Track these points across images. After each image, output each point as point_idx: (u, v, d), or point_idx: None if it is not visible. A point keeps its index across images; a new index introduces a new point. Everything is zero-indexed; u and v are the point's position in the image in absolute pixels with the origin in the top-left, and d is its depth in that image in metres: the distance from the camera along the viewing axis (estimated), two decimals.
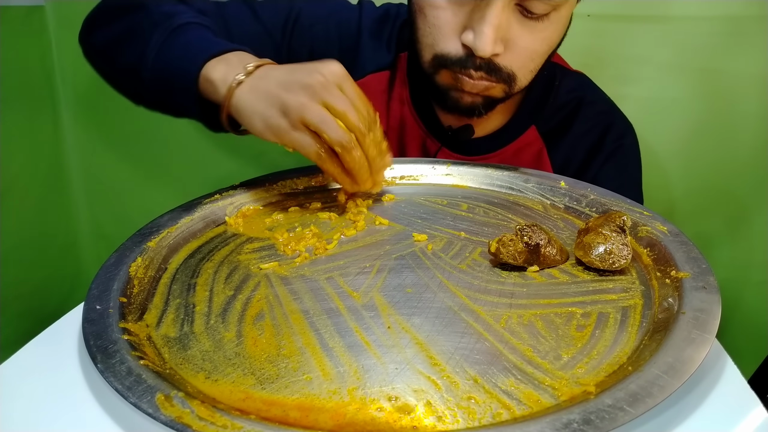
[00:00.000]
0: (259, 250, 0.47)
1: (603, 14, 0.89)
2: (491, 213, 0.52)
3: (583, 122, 0.68)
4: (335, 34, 0.68)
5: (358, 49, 0.68)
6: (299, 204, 0.55)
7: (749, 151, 0.92)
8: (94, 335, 0.34)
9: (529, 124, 0.68)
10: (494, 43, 0.53)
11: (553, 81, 0.68)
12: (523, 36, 0.55)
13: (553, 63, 0.69)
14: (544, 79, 0.68)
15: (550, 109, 0.68)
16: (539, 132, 0.68)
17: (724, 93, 0.90)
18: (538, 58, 0.58)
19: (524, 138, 0.68)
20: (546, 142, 0.68)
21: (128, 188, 1.15)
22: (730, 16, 0.85)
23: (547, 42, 0.57)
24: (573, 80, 0.70)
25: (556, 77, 0.69)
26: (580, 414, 0.27)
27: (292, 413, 0.30)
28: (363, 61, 0.68)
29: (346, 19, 0.69)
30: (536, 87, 0.67)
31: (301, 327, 0.37)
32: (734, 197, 0.96)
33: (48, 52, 1.05)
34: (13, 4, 0.96)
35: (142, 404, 0.29)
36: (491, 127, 0.69)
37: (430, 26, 0.57)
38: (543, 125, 0.68)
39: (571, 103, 0.69)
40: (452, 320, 0.37)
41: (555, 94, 0.68)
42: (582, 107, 0.68)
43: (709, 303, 0.35)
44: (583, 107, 0.68)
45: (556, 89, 0.68)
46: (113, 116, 1.08)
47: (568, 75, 0.70)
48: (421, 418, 0.30)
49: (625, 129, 0.69)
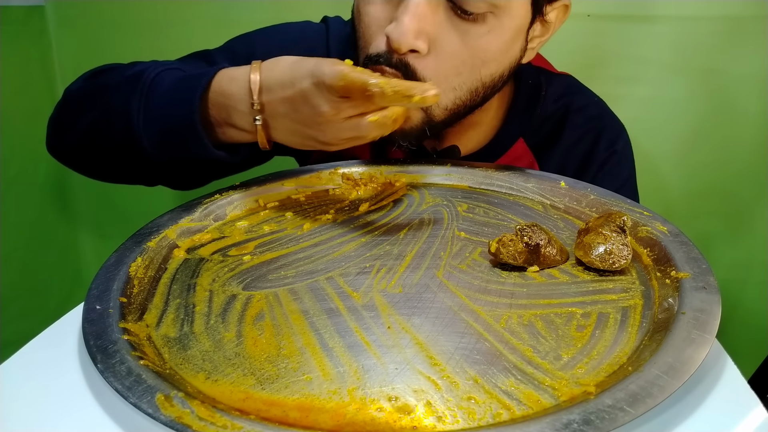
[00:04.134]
0: (260, 246, 0.47)
1: (603, 14, 0.90)
2: (491, 213, 0.52)
3: (572, 131, 0.65)
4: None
5: None
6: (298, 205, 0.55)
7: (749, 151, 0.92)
8: (94, 335, 0.34)
9: (517, 137, 0.65)
10: (414, 34, 0.49)
11: (539, 90, 0.66)
12: (452, 40, 0.51)
13: (537, 68, 0.67)
14: (529, 89, 0.65)
15: (538, 120, 0.65)
16: (528, 144, 0.65)
17: (724, 93, 0.90)
18: (466, 71, 0.53)
19: (512, 152, 0.65)
20: (536, 154, 0.66)
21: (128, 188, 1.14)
22: (730, 16, 0.86)
23: (480, 53, 0.52)
24: (559, 86, 0.67)
25: (542, 85, 0.66)
26: (580, 414, 0.27)
27: (291, 413, 0.30)
28: None
29: (313, 43, 0.66)
30: (521, 97, 0.65)
31: (301, 327, 0.37)
32: (734, 197, 0.97)
33: (48, 52, 1.05)
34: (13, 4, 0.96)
35: (142, 404, 0.29)
36: (476, 143, 0.66)
37: (364, 26, 0.54)
38: (531, 138, 0.66)
39: (559, 112, 0.66)
40: (452, 320, 0.37)
41: (542, 104, 0.65)
42: (570, 115, 0.66)
43: (709, 303, 0.35)
44: (571, 115, 0.66)
45: (542, 98, 0.65)
46: None
47: (553, 80, 0.67)
48: (421, 419, 0.30)
49: (617, 133, 0.67)
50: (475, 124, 0.64)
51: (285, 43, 0.65)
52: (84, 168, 0.61)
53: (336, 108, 0.45)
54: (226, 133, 0.51)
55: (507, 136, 0.66)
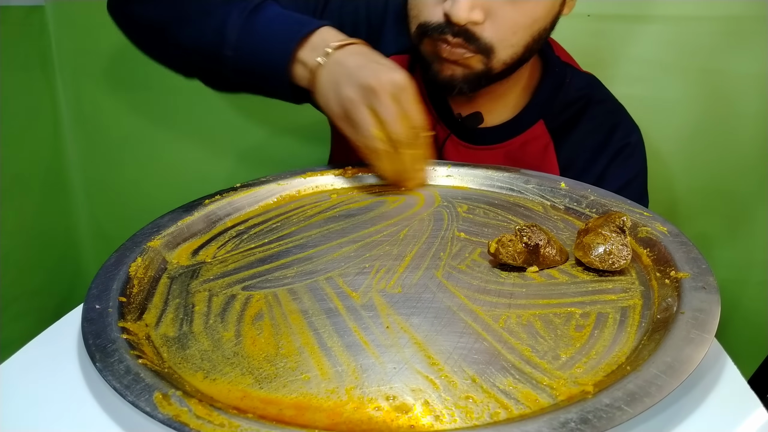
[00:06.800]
0: (260, 246, 0.47)
1: (603, 14, 0.90)
2: (491, 214, 0.52)
3: (590, 120, 0.69)
4: (363, 14, 0.69)
5: (383, 30, 0.70)
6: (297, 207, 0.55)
7: (749, 151, 0.92)
8: (93, 334, 0.34)
9: (538, 119, 0.68)
10: (470, 9, 0.54)
11: (563, 78, 0.69)
12: (505, 6, 0.55)
13: (564, 63, 0.71)
14: (555, 76, 0.68)
15: (559, 106, 0.68)
16: (547, 127, 0.68)
17: (724, 93, 0.90)
18: (520, 31, 0.58)
19: (532, 131, 0.68)
20: (553, 137, 0.68)
21: (128, 188, 1.15)
22: (730, 16, 0.85)
23: (530, 15, 0.57)
24: (583, 80, 0.71)
25: (567, 75, 0.69)
26: (578, 413, 0.27)
27: (287, 412, 0.30)
28: (386, 42, 0.69)
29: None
30: (547, 82, 0.68)
31: (300, 327, 0.37)
32: (734, 197, 0.96)
33: (48, 52, 1.05)
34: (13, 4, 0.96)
35: (140, 403, 0.29)
36: (500, 119, 0.69)
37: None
38: (551, 121, 0.68)
39: (580, 101, 0.69)
40: (451, 320, 0.37)
41: (565, 91, 0.68)
42: (590, 105, 0.69)
43: (709, 303, 0.35)
44: (591, 105, 0.69)
45: (566, 86, 0.69)
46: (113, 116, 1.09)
47: (578, 75, 0.71)
48: (418, 418, 0.30)
49: (632, 128, 0.70)
50: (502, 95, 0.68)
51: None
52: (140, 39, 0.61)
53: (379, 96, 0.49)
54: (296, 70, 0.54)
55: (529, 115, 0.69)
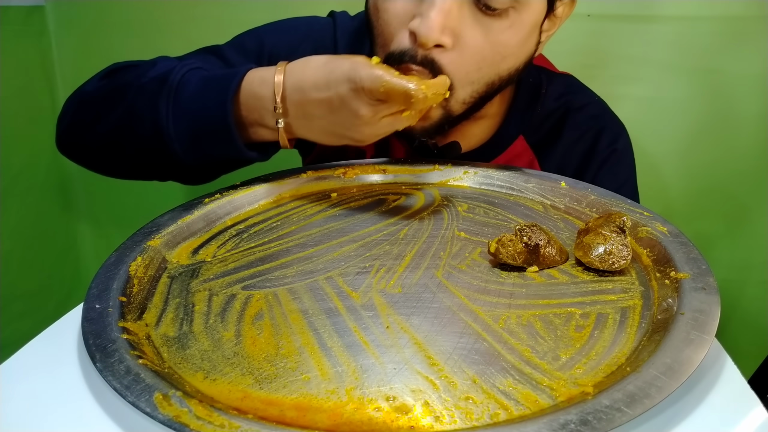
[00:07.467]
0: (260, 246, 0.47)
1: (603, 14, 0.90)
2: (491, 213, 0.52)
3: (573, 129, 0.66)
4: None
5: None
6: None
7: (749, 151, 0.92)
8: (93, 334, 0.34)
9: (517, 135, 0.66)
10: (440, 29, 0.49)
11: (539, 88, 0.66)
12: (476, 35, 0.51)
13: (538, 67, 0.67)
14: (530, 87, 0.65)
15: (538, 118, 0.66)
16: (528, 142, 0.66)
17: (724, 93, 0.90)
18: (486, 67, 0.54)
19: (513, 149, 0.66)
20: (536, 152, 0.66)
21: (128, 188, 1.15)
22: (730, 16, 0.86)
23: (500, 48, 0.53)
24: (560, 85, 0.68)
25: (542, 84, 0.66)
26: (578, 414, 0.27)
27: (289, 413, 0.30)
28: None
29: (320, 38, 0.66)
30: (522, 95, 0.65)
31: (300, 327, 0.37)
32: (734, 197, 0.97)
33: (48, 52, 1.05)
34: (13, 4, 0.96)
35: (140, 403, 0.29)
36: (477, 140, 0.66)
37: (384, 23, 0.53)
38: (531, 135, 0.66)
39: (559, 110, 0.66)
40: (451, 320, 0.37)
41: (542, 103, 0.66)
42: (570, 114, 0.66)
43: (709, 304, 0.35)
44: (571, 114, 0.66)
45: (542, 97, 0.66)
46: None
47: (554, 79, 0.68)
48: (418, 418, 0.30)
49: (618, 132, 0.67)
50: (477, 119, 0.64)
51: (293, 39, 0.66)
52: (100, 167, 0.61)
53: (374, 110, 0.46)
54: (257, 132, 0.52)
55: (507, 133, 0.66)
